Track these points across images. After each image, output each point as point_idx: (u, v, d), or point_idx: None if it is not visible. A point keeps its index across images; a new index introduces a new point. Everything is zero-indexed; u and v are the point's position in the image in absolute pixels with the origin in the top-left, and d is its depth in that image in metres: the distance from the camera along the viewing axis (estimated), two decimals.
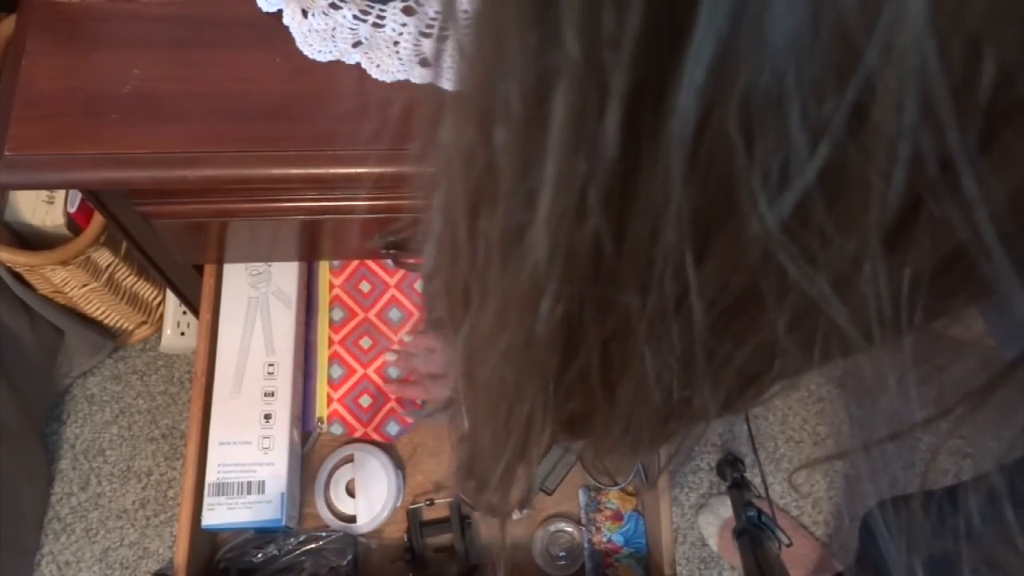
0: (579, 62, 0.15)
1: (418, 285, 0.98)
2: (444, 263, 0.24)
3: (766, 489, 0.86)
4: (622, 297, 0.20)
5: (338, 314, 0.98)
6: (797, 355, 0.20)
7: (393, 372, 0.97)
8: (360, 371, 0.97)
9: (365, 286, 0.99)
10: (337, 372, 0.97)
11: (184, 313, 1.33)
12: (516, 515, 0.94)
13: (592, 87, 0.16)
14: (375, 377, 0.96)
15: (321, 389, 0.97)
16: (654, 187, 0.17)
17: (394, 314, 0.99)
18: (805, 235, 0.16)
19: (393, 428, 0.96)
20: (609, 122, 0.16)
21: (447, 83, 0.20)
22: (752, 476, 1.23)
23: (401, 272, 0.99)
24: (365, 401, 0.96)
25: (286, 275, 0.95)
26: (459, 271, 0.23)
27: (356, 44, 0.66)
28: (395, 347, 0.97)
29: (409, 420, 0.96)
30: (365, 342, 0.98)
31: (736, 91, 0.15)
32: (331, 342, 0.98)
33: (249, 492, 0.87)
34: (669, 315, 0.19)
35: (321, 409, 0.97)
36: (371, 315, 0.99)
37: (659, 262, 0.18)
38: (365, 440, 0.97)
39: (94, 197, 0.70)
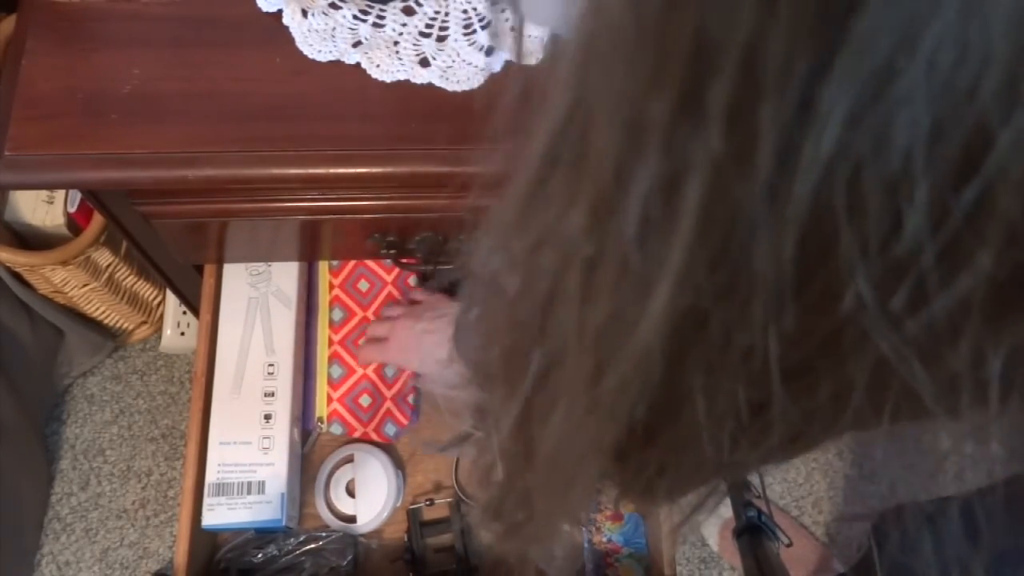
0: (722, 157, 0.15)
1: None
2: (510, 337, 0.23)
3: (763, 489, 0.86)
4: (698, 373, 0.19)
5: (338, 314, 0.98)
6: (865, 417, 0.19)
7: (390, 372, 0.96)
8: (359, 371, 0.97)
9: (363, 285, 0.99)
10: (337, 372, 0.97)
11: (184, 313, 1.33)
12: None
13: (731, 180, 0.15)
14: (373, 376, 0.96)
15: (321, 389, 0.97)
16: (757, 265, 0.16)
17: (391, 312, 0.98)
18: (900, 311, 0.16)
19: (391, 428, 0.96)
20: (758, 216, 0.15)
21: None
22: (752, 476, 1.23)
23: (398, 268, 0.99)
24: (365, 401, 0.96)
25: (286, 275, 0.95)
26: (538, 353, 0.22)
27: (356, 44, 0.66)
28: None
29: (405, 421, 0.96)
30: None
31: (850, 172, 0.14)
32: (331, 342, 0.98)
33: (249, 492, 0.87)
34: (739, 381, 0.19)
35: (321, 409, 0.96)
36: (369, 314, 0.98)
37: (745, 335, 0.18)
38: (365, 440, 0.97)
39: (94, 197, 0.70)
